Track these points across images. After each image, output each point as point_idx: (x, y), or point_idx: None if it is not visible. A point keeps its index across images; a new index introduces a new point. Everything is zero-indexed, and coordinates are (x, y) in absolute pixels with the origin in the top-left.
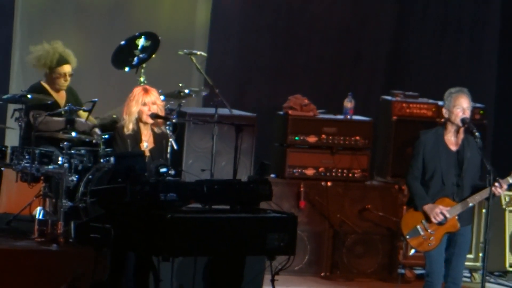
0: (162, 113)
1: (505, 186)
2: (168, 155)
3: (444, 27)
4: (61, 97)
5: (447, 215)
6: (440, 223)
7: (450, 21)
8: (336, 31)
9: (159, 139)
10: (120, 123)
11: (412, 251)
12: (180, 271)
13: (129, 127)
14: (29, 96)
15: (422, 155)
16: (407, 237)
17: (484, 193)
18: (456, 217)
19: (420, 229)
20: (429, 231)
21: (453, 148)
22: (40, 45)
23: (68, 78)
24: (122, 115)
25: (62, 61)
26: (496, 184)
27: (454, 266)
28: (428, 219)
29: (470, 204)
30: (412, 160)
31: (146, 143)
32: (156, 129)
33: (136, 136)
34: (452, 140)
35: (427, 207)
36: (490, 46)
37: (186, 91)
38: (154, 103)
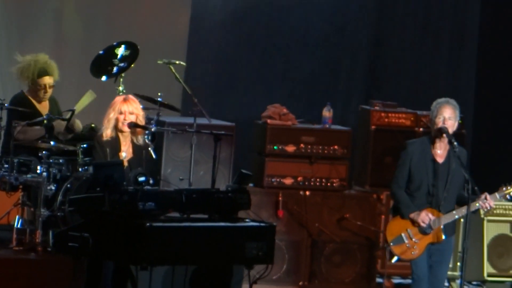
0: (141, 123)
1: (492, 203)
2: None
3: (423, 37)
4: (44, 107)
5: (433, 227)
6: (425, 233)
7: (429, 31)
8: (314, 40)
9: (139, 151)
10: (100, 132)
11: (395, 258)
12: (158, 280)
13: (107, 133)
14: (6, 105)
15: (408, 166)
16: (391, 244)
17: (472, 207)
18: (442, 228)
19: (404, 237)
20: (413, 239)
21: (439, 159)
22: (24, 56)
23: (49, 90)
24: (103, 122)
25: (43, 73)
26: (483, 196)
27: (436, 274)
28: (413, 228)
29: (456, 216)
30: (397, 169)
31: (125, 153)
32: (135, 140)
33: (115, 144)
34: (438, 151)
35: (413, 214)
36: (469, 56)
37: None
38: (131, 113)
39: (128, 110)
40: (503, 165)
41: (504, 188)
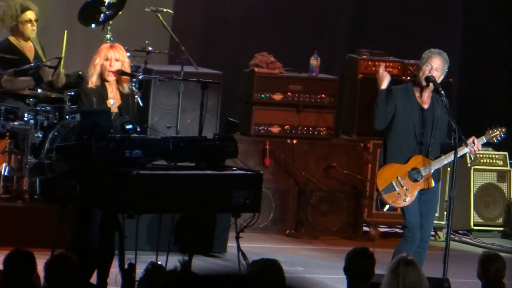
0: (127, 71)
1: (480, 146)
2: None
3: None
4: (29, 50)
5: (423, 174)
6: (415, 180)
7: None
8: None
9: (126, 98)
10: (85, 81)
11: (387, 207)
12: (144, 228)
13: (93, 81)
14: None
15: (394, 106)
16: (382, 193)
17: (460, 150)
18: (431, 175)
19: (395, 185)
20: (404, 187)
21: (424, 105)
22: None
23: (35, 24)
24: (88, 69)
25: (25, 8)
26: (471, 140)
27: (424, 223)
28: (403, 175)
29: (446, 162)
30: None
31: (113, 100)
32: (121, 89)
33: (102, 92)
34: (422, 98)
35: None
36: (455, 3)
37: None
38: (117, 60)
39: (114, 56)
40: (490, 113)
41: (490, 131)
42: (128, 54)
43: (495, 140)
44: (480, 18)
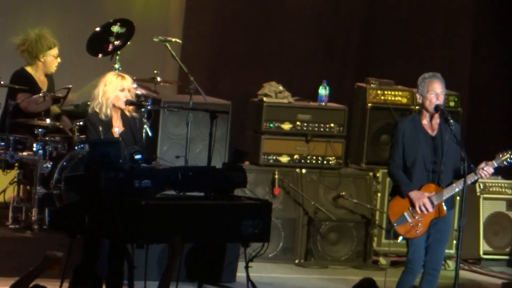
0: (133, 100)
1: (491, 170)
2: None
3: (418, 13)
4: (43, 83)
5: (435, 202)
6: (427, 209)
7: (424, 7)
8: (308, 17)
9: (128, 122)
10: (91, 110)
11: (400, 238)
12: (154, 258)
13: (106, 112)
14: (1, 82)
15: (402, 143)
16: (395, 224)
17: (470, 178)
18: (443, 203)
19: (407, 216)
20: (416, 217)
21: (432, 133)
22: (24, 33)
23: (58, 60)
24: (95, 99)
25: (53, 43)
26: (482, 165)
27: (436, 252)
28: (414, 206)
29: (457, 189)
30: (392, 149)
31: (117, 128)
32: (127, 113)
33: (108, 122)
34: (429, 125)
35: (413, 194)
36: (464, 33)
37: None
38: (129, 90)
39: (128, 87)
40: (498, 142)
41: (500, 155)
42: (134, 85)
43: (506, 163)
44: (490, 46)
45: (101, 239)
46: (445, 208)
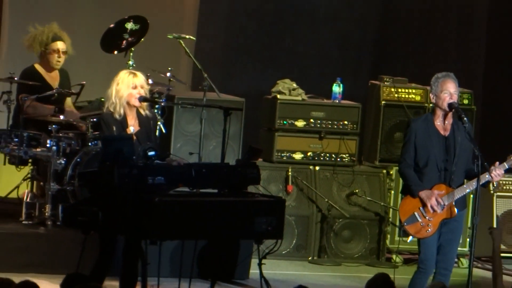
0: (147, 96)
1: (502, 171)
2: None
3: (432, 10)
4: (53, 79)
5: (445, 203)
6: None
7: (438, 5)
8: (323, 15)
9: (144, 122)
10: (105, 109)
11: (410, 238)
12: (168, 255)
13: (120, 111)
14: (15, 78)
15: (413, 143)
16: (405, 224)
17: (482, 178)
18: (453, 203)
19: (418, 216)
20: (427, 217)
21: (445, 133)
22: (36, 28)
23: (62, 56)
24: (109, 99)
25: (56, 37)
26: (493, 168)
27: (447, 252)
28: (425, 205)
29: (467, 190)
30: (403, 148)
31: (132, 127)
32: (142, 112)
33: (123, 121)
34: (442, 125)
35: (423, 193)
36: (478, 30)
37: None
38: (142, 87)
39: (140, 84)
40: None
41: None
42: (150, 81)
43: None
44: (505, 44)
45: (115, 236)
46: (455, 209)
